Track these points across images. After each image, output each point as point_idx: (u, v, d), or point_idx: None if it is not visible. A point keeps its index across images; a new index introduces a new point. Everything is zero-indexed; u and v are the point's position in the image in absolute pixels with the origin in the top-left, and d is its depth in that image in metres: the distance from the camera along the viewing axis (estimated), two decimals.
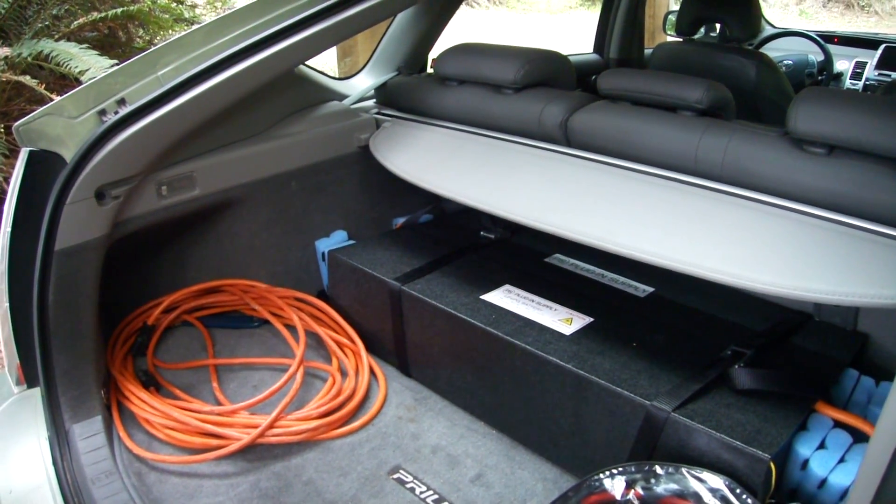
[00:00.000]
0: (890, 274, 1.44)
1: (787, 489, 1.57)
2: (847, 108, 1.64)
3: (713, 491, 1.43)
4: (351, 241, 2.48)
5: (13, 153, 4.04)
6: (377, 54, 2.74)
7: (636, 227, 1.76)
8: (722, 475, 1.44)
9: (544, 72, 2.25)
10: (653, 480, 1.48)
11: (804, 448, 1.52)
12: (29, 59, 4.21)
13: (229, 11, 1.84)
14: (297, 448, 1.88)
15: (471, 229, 2.49)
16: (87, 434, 1.78)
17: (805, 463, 1.51)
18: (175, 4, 5.71)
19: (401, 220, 2.64)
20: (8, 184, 1.78)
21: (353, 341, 2.23)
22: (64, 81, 4.32)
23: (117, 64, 1.81)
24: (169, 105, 1.75)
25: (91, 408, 1.84)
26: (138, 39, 5.49)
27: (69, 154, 1.72)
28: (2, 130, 4.04)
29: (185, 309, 2.31)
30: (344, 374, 2.11)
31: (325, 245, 2.45)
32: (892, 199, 1.54)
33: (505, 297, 2.01)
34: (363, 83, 2.69)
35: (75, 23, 4.70)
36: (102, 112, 1.75)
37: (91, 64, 3.96)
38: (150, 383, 2.02)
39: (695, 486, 1.45)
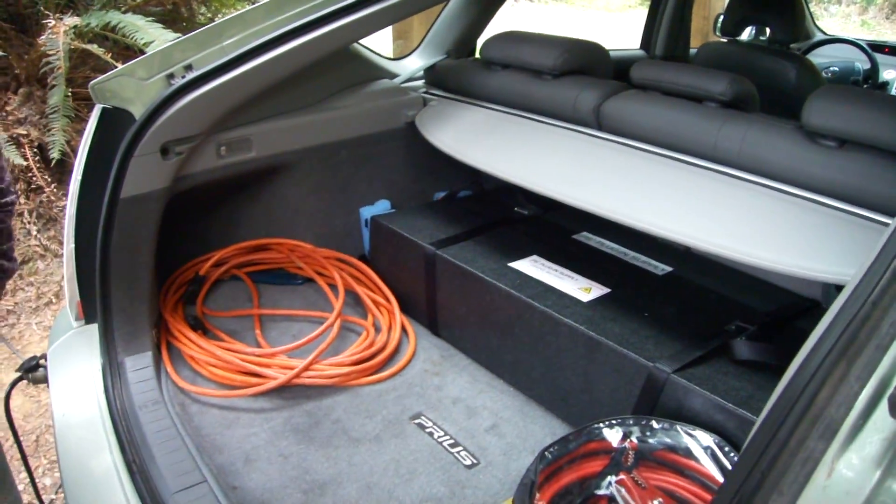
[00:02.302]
0: None
1: None
2: (858, 105, 1.71)
3: (704, 447, 1.53)
4: (393, 210, 2.61)
5: (77, 118, 4.21)
6: (429, 38, 2.87)
7: (657, 205, 1.86)
8: (713, 434, 1.54)
9: (582, 60, 2.35)
10: (648, 433, 1.59)
11: None
12: (96, 29, 4.34)
13: None
14: (328, 391, 2.02)
15: (506, 205, 2.60)
16: (138, 367, 1.94)
17: None
18: None
19: (442, 195, 2.77)
20: (72, 145, 1.94)
21: (388, 300, 2.36)
22: (128, 52, 4.44)
23: (180, 37, 1.96)
24: (232, 72, 1.89)
25: (142, 343, 1.99)
26: (200, 16, 5.64)
27: (138, 112, 1.87)
28: (69, 95, 4.18)
29: (235, 264, 2.46)
30: (378, 329, 2.25)
31: (368, 212, 2.58)
32: None
33: (531, 266, 2.14)
34: (414, 64, 2.82)
35: None
36: (171, 76, 1.91)
37: (156, 36, 4.08)
38: (198, 327, 2.18)
39: (687, 441, 1.55)
